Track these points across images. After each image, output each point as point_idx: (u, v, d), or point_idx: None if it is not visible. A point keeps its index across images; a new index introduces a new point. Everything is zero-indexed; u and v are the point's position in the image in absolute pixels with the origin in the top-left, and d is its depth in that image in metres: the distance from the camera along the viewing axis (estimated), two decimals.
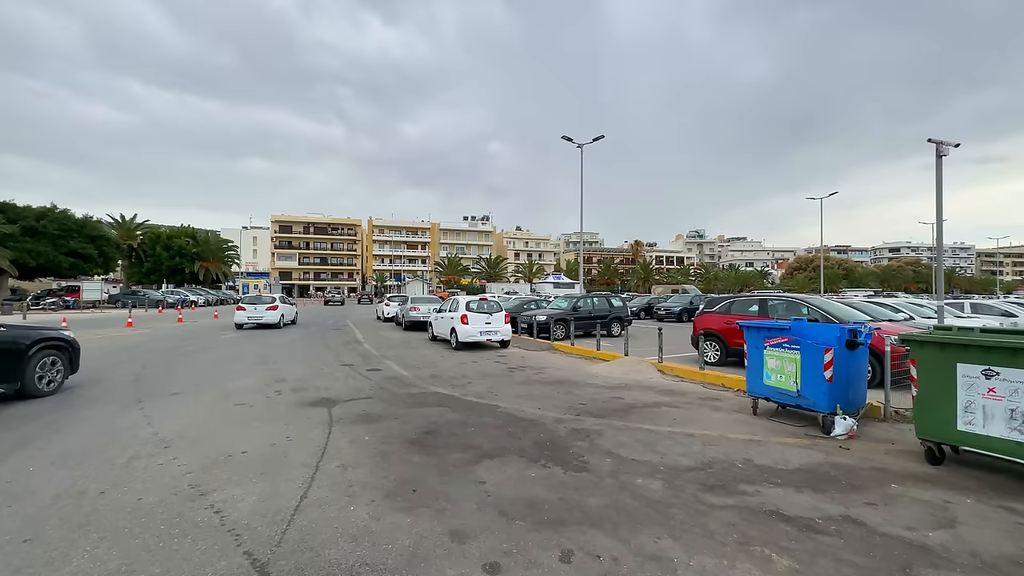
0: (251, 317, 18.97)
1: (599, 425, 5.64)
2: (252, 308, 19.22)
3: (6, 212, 32.78)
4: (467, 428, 5.47)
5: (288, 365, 10.15)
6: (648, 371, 9.19)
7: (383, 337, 16.64)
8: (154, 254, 54.90)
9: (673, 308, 25.19)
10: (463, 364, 10.57)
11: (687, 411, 6.39)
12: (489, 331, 12.90)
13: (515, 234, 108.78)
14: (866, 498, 3.67)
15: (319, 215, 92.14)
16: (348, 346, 13.77)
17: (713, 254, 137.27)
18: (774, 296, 9.98)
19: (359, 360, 11.03)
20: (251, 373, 9.17)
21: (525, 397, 7.21)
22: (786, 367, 5.77)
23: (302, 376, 8.84)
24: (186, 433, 5.20)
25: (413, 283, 63.03)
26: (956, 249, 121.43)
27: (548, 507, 3.47)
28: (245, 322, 18.97)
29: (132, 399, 6.86)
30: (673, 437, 5.18)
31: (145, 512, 3.33)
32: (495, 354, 12.32)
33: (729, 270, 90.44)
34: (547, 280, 67.82)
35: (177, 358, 11.00)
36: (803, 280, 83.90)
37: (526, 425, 5.62)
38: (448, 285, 69.97)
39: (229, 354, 11.83)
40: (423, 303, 19.55)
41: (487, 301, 13.68)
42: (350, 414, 6.07)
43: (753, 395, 6.25)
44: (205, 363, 10.38)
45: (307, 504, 3.48)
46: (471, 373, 9.36)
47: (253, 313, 19.06)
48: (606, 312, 16.77)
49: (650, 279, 76.17)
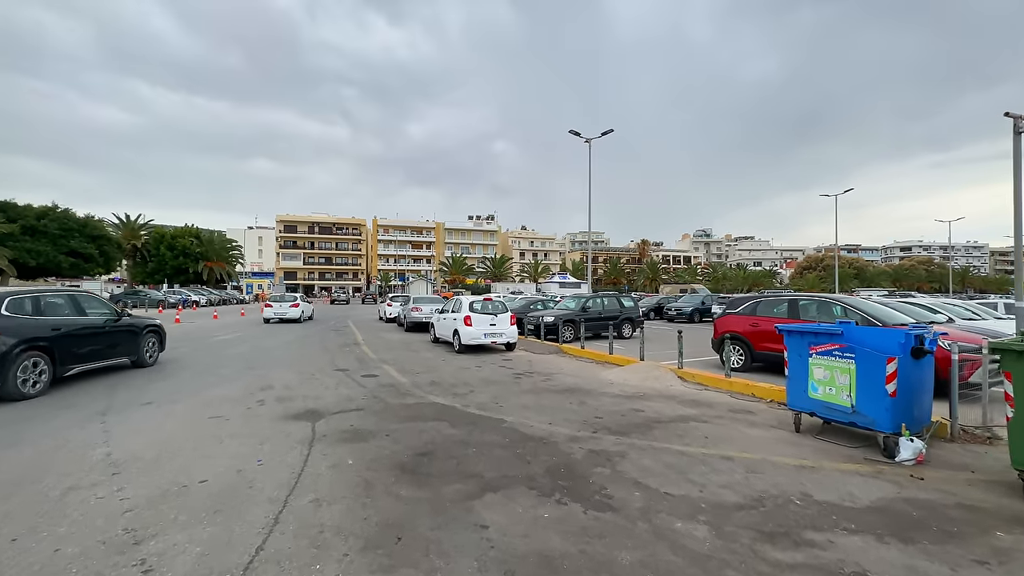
0: (276, 313, 22.08)
1: (620, 445, 4.89)
2: (278, 305, 22.36)
3: (6, 211, 32.47)
4: (467, 449, 4.73)
5: (278, 369, 9.46)
6: (667, 378, 8.41)
7: (383, 339, 15.95)
8: (158, 254, 54.69)
9: (684, 308, 24.34)
10: (465, 369, 9.84)
11: (719, 427, 5.62)
12: (494, 333, 12.16)
13: (520, 233, 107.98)
14: (971, 553, 2.89)
15: (324, 215, 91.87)
16: (345, 349, 13.09)
17: (720, 253, 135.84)
18: (805, 296, 9.16)
19: (355, 364, 10.33)
20: (238, 379, 8.50)
21: (533, 409, 6.46)
22: (837, 378, 4.99)
23: (291, 383, 8.15)
24: (143, 454, 4.50)
25: (417, 283, 62.32)
26: (969, 248, 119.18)
27: (568, 565, 2.72)
28: (271, 317, 21.94)
29: (100, 408, 6.19)
30: (709, 462, 4.42)
31: (55, 571, 2.62)
32: (500, 358, 11.58)
33: (737, 269, 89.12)
34: (553, 280, 67.07)
35: (163, 362, 10.35)
36: (813, 279, 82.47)
37: (535, 445, 4.88)
38: (453, 285, 69.37)
39: (219, 357, 11.17)
40: (425, 303, 18.86)
41: (492, 301, 12.95)
42: (336, 430, 5.36)
43: (795, 409, 5.46)
44: (191, 367, 9.72)
45: (263, 559, 2.75)
46: (474, 380, 8.62)
47: (278, 310, 22.17)
48: (617, 313, 15.97)
49: (657, 279, 75.12)
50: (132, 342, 9.20)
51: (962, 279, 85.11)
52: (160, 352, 10.20)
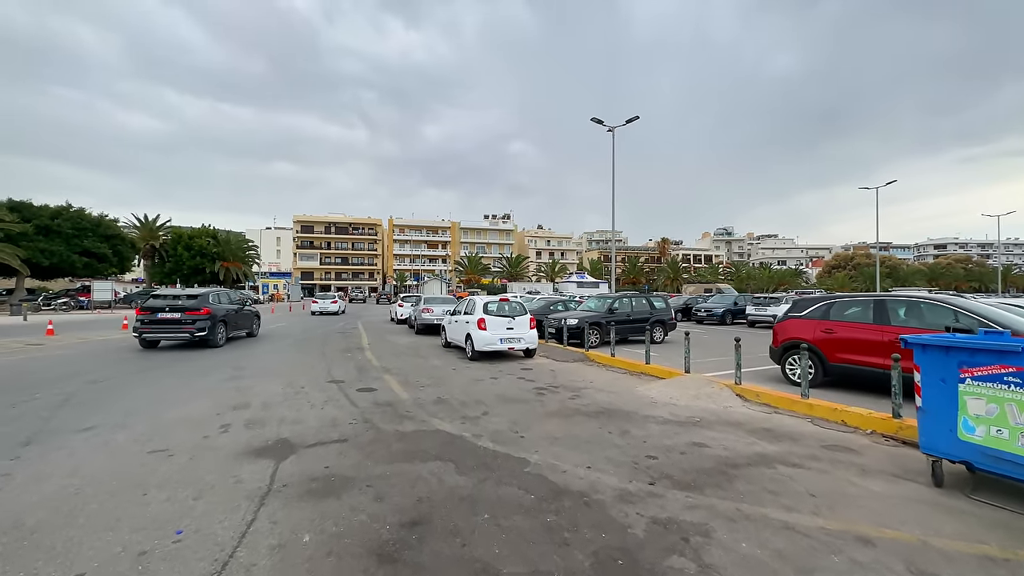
0: (321, 307, 29.42)
1: (695, 509, 3.43)
2: (321, 302, 30.04)
3: (22, 211, 32.31)
4: (477, 514, 3.34)
5: (264, 380, 8.23)
6: (723, 396, 6.89)
7: (390, 343, 14.69)
8: (175, 254, 54.72)
9: (715, 310, 22.54)
10: (479, 382, 8.46)
11: (820, 476, 4.11)
12: (511, 338, 10.76)
13: (536, 233, 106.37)
14: None
15: (340, 215, 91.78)
16: (347, 355, 11.84)
17: (742, 252, 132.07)
18: (899, 296, 7.52)
19: (353, 374, 9.04)
20: (213, 391, 7.27)
21: (564, 441, 5.03)
22: (1012, 415, 3.44)
23: (272, 398, 6.87)
24: (26, 519, 3.22)
25: (431, 282, 61.13)
26: (1010, 245, 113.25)
27: None
28: (317, 310, 29.53)
29: (27, 435, 4.99)
30: (839, 547, 2.93)
31: None
32: (519, 367, 10.18)
33: (761, 268, 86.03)
34: (570, 279, 65.31)
35: (144, 369, 9.23)
36: (843, 278, 78.99)
37: (573, 507, 3.46)
38: (468, 285, 68.24)
39: (203, 365, 10.01)
40: (437, 304, 17.58)
41: (509, 302, 11.54)
42: (304, 476, 4.02)
43: (933, 454, 3.93)
44: (169, 377, 8.56)
45: None
46: (488, 396, 7.23)
47: (322, 304, 29.64)
48: (647, 315, 14.39)
49: (679, 278, 72.71)
50: (250, 321, 15.43)
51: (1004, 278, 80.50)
52: (258, 330, 16.20)
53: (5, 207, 31.13)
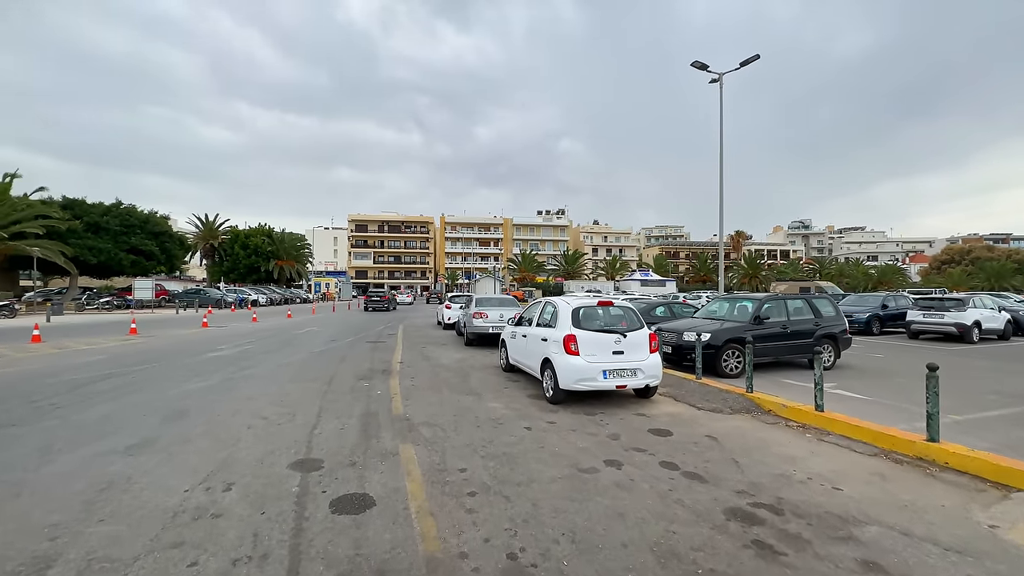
0: (373, 304, 32.84)
1: None
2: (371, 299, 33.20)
3: (74, 208, 31.98)
4: None
5: (180, 456, 4.44)
6: None
7: (430, 361, 10.73)
8: (233, 253, 54.92)
9: (858, 316, 16.88)
10: (584, 476, 4.19)
11: None
12: (622, 369, 6.39)
13: (592, 229, 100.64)
14: None
15: (393, 213, 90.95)
16: (363, 384, 7.98)
17: (822, 247, 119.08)
18: None
19: (351, 439, 5.08)
20: (84, 474, 3.53)
21: None
22: None
23: (158, 528, 3.00)
24: None
25: (483, 280, 57.22)
26: None
27: None
28: (370, 307, 32.56)
29: None
30: None
31: None
32: (639, 422, 5.82)
33: (855, 264, 75.54)
34: (633, 277, 59.51)
35: (64, 406, 5.80)
36: (959, 275, 67.23)
37: None
38: (522, 283, 64.19)
39: (149, 400, 6.46)
40: (492, 307, 13.50)
41: (613, 307, 7.12)
42: None
43: None
44: (65, 430, 5.00)
45: None
46: (616, 535, 2.95)
47: (374, 301, 33.00)
48: (811, 326, 9.47)
49: (758, 275, 64.69)
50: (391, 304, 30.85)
51: None
52: None
53: (58, 205, 30.79)
